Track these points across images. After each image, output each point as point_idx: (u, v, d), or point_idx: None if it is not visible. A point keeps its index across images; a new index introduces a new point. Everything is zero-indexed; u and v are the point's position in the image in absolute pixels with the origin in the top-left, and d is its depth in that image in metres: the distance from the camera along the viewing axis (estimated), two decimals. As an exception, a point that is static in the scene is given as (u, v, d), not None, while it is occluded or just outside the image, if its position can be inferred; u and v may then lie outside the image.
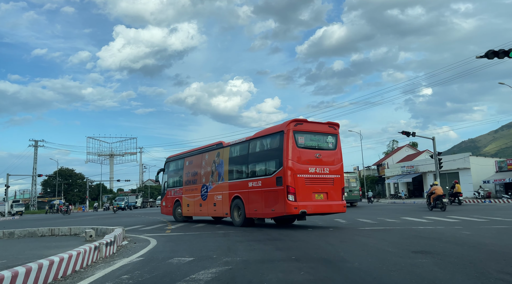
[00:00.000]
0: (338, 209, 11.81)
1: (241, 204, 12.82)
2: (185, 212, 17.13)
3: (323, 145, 12.00)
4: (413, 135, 30.87)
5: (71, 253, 5.57)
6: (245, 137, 13.67)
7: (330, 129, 12.24)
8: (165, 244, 8.97)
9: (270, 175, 11.69)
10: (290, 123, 11.47)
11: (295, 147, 11.27)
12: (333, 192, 11.70)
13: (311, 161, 11.47)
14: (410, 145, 71.19)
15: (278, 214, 11.45)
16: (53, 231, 12.76)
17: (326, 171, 11.63)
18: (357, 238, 8.86)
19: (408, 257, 6.02)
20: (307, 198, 11.17)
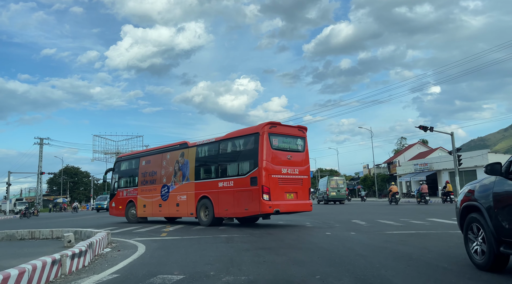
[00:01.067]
0: (306, 208, 12.59)
1: (210, 203, 13.05)
2: (141, 213, 16.72)
3: (294, 147, 12.64)
4: (430, 130, 28.99)
5: (8, 273, 3.95)
6: (214, 138, 13.89)
7: (300, 133, 12.92)
8: (154, 252, 7.35)
9: (244, 175, 12.05)
10: (265, 125, 11.86)
11: (270, 148, 11.72)
12: (302, 192, 12.44)
13: (283, 162, 12.02)
14: (421, 141, 69.00)
15: (251, 213, 11.83)
16: (34, 234, 11.23)
17: (296, 172, 12.27)
18: (392, 246, 7.15)
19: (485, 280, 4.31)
20: (280, 197, 11.69)
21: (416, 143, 68.16)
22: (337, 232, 10.04)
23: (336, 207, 28.86)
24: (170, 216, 15.74)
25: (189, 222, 16.01)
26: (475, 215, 4.71)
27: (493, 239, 4.31)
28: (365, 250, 6.82)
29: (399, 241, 7.86)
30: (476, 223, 4.71)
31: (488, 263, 4.51)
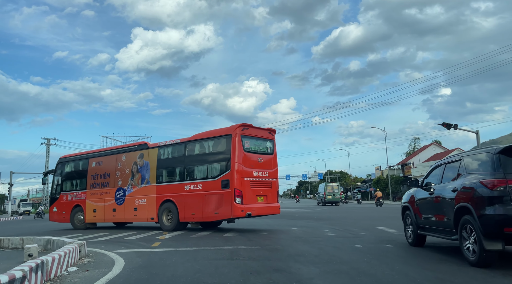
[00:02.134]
0: (275, 210, 12.49)
1: (174, 207, 12.52)
2: (90, 218, 15.43)
3: (264, 149, 12.50)
4: (455, 128, 26.75)
5: None
6: (179, 139, 13.29)
7: (269, 135, 12.80)
8: (132, 274, 5.47)
9: (214, 178, 11.74)
10: (238, 127, 11.66)
11: (242, 151, 11.53)
12: (271, 195, 12.34)
13: (254, 164, 11.83)
14: (436, 142, 66.39)
15: (222, 217, 11.60)
16: (2, 242, 9.45)
17: (266, 175, 12.15)
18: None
19: None
20: (252, 200, 11.53)
21: (431, 143, 65.52)
22: (369, 244, 8.07)
23: (342, 209, 27.04)
24: (127, 221, 14.81)
25: (189, 230, 14.18)
26: (407, 211, 7.93)
27: (415, 224, 7.48)
28: (421, 275, 4.86)
29: (461, 260, 5.87)
30: (408, 215, 7.88)
31: (414, 240, 7.60)
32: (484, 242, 5.10)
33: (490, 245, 5.07)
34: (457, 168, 6.21)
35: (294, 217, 19.58)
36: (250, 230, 12.34)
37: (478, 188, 5.31)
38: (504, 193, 4.98)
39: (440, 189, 6.53)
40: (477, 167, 5.74)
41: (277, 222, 15.93)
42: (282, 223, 15.28)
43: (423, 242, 7.61)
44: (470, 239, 5.44)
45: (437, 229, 6.66)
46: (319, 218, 18.63)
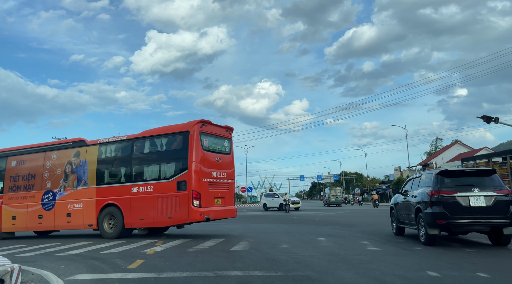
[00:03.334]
0: (232, 214, 11.92)
1: (118, 212, 11.33)
2: (8, 226, 13.14)
3: (222, 148, 11.88)
4: (495, 122, 23.59)
5: None
6: (125, 136, 12.12)
7: (227, 134, 12.21)
8: None
9: (168, 179, 10.85)
10: (196, 123, 10.93)
11: (201, 149, 10.84)
12: (229, 197, 11.77)
13: (213, 164, 11.22)
14: (459, 141, 62.71)
15: (177, 222, 10.71)
16: None
17: (224, 176, 11.57)
18: None
19: None
20: (210, 203, 10.89)
21: (455, 143, 61.92)
22: (453, 272, 5.34)
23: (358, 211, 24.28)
24: (57, 228, 12.82)
25: (191, 235, 11.62)
26: (392, 210, 10.89)
27: (397, 219, 10.44)
28: None
29: None
30: (393, 213, 10.82)
31: (397, 231, 10.65)
32: (428, 229, 8.13)
33: (431, 231, 8.13)
34: (418, 182, 9.25)
35: (315, 222, 16.86)
36: (264, 241, 9.68)
37: (425, 196, 8.38)
38: (438, 199, 8.00)
39: (409, 195, 9.50)
40: (427, 182, 8.70)
41: (297, 229, 13.24)
42: (304, 230, 12.59)
43: (403, 232, 10.61)
44: (421, 228, 8.49)
45: (408, 222, 9.67)
46: (345, 223, 15.87)
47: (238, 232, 12.66)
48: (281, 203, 31.12)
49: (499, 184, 8.12)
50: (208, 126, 11.29)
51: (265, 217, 22.09)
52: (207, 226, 16.03)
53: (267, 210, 33.41)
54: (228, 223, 17.60)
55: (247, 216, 24.56)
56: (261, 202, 35.58)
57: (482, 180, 8.17)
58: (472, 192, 7.87)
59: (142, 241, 10.44)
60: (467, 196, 7.85)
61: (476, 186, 7.97)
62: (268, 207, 33.60)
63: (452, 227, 7.99)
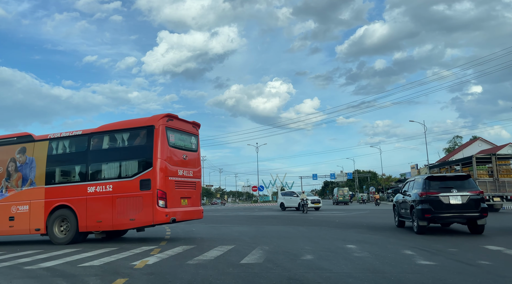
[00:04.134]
0: (198, 215, 11.20)
1: (71, 215, 10.34)
2: None
3: (188, 145, 11.19)
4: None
5: None
6: (80, 130, 11.13)
7: (194, 130, 11.54)
8: None
9: (130, 177, 9.96)
10: (162, 118, 10.14)
11: (167, 146, 10.08)
12: (195, 197, 11.08)
13: (179, 162, 10.50)
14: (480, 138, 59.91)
15: (141, 224, 9.78)
16: None
17: (191, 174, 10.88)
18: None
19: None
20: (176, 203, 10.12)
21: (476, 139, 59.13)
22: None
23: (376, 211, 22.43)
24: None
25: (195, 238, 9.99)
26: (395, 207, 13.43)
27: (398, 214, 12.97)
28: None
29: None
30: (395, 209, 13.34)
31: (398, 223, 13.05)
32: (419, 221, 10.46)
33: (421, 223, 10.43)
34: (413, 184, 11.74)
35: (335, 224, 15.07)
36: (282, 250, 7.96)
37: (416, 195, 10.74)
38: (426, 198, 10.32)
39: (407, 195, 11.94)
40: (418, 184, 11.07)
41: (318, 233, 11.49)
42: (326, 235, 10.83)
43: (404, 225, 13.08)
44: (414, 220, 10.84)
45: (406, 217, 12.04)
46: (370, 225, 14.05)
47: (250, 236, 10.98)
48: (299, 202, 29.15)
49: (472, 186, 10.53)
50: (175, 121, 10.55)
51: (279, 218, 20.35)
52: (214, 228, 14.39)
53: (285, 209, 31.18)
54: (238, 225, 15.94)
55: (259, 216, 22.86)
56: (278, 201, 33.39)
57: (460, 183, 10.54)
58: (451, 193, 10.24)
59: (136, 248, 8.83)
60: (447, 195, 10.23)
61: (455, 188, 10.35)
62: (285, 206, 31.35)
63: (437, 220, 10.40)
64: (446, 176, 11.05)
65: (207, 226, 16.02)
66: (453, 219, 10.41)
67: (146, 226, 10.07)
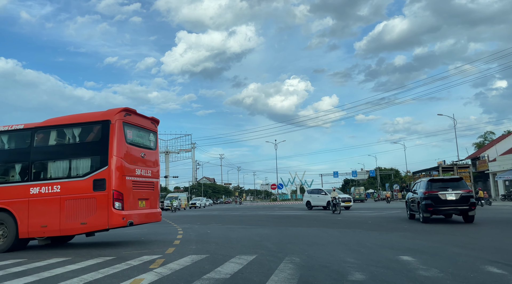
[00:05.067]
0: (156, 218, 10.30)
1: (10, 219, 9.03)
2: None
3: (147, 143, 10.35)
4: None
5: None
6: (22, 124, 9.84)
7: (153, 126, 10.73)
8: None
9: (82, 176, 8.97)
10: (120, 112, 9.31)
11: (124, 142, 9.25)
12: (154, 198, 10.25)
13: (137, 160, 9.68)
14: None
15: (93, 228, 8.79)
16: None
17: (149, 174, 10.05)
18: None
19: None
20: (133, 205, 9.30)
21: (511, 133, 55.49)
22: None
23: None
24: None
25: (209, 244, 8.28)
26: (407, 203, 16.67)
27: (409, 208, 16.06)
28: None
29: None
30: (407, 205, 16.53)
31: (409, 216, 16.03)
32: (423, 213, 13.48)
33: (425, 214, 13.42)
34: (420, 185, 14.86)
35: (369, 225, 13.13)
36: (319, 263, 6.16)
37: (421, 193, 13.79)
38: (428, 196, 13.37)
39: (416, 193, 14.92)
40: (423, 185, 14.15)
41: (354, 237, 9.60)
42: (366, 240, 8.93)
43: (414, 217, 15.71)
44: (420, 213, 13.79)
45: (415, 210, 14.86)
46: (411, 228, 12.04)
47: (274, 241, 9.19)
48: (328, 201, 26.67)
49: (464, 186, 13.69)
50: (133, 116, 9.75)
51: (303, 218, 18.49)
52: (232, 230, 12.69)
53: (311, 208, 28.85)
54: (259, 226, 14.20)
55: (281, 216, 21.05)
56: (304, 200, 30.98)
57: (455, 184, 13.69)
58: (447, 191, 13.40)
59: (135, 256, 7.18)
60: (445, 193, 13.37)
61: (450, 187, 13.51)
62: (312, 205, 28.92)
63: (437, 212, 13.62)
64: (444, 178, 14.47)
65: (224, 227, 14.35)
66: (449, 211, 13.74)
67: (99, 230, 9.00)
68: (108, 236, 12.16)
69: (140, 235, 12.24)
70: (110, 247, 9.24)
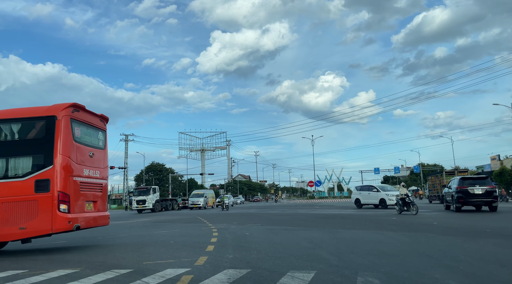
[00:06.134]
0: (104, 221, 9.71)
1: None
2: None
3: (95, 141, 9.77)
4: None
5: None
6: None
7: (102, 124, 10.18)
8: None
9: (22, 177, 8.22)
10: (67, 107, 8.65)
11: (71, 140, 8.61)
12: (102, 201, 9.72)
13: (85, 160, 9.10)
14: None
15: (34, 233, 8.04)
16: None
17: (97, 175, 9.53)
18: None
19: None
20: (80, 208, 8.71)
21: None
22: None
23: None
24: None
25: (243, 252, 6.54)
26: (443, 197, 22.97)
27: (445, 200, 21.51)
28: None
29: None
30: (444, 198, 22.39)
31: (445, 207, 21.48)
32: (456, 204, 18.45)
33: (457, 205, 18.39)
34: (454, 181, 19.43)
35: (434, 227, 10.91)
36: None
37: (455, 189, 18.57)
38: (460, 190, 18.13)
39: (450, 188, 19.71)
40: (456, 182, 18.80)
41: (436, 246, 7.53)
42: (448, 249, 6.85)
43: (449, 208, 19.95)
44: (454, 204, 18.76)
45: (449, 202, 19.66)
46: (494, 231, 9.74)
47: (330, 250, 7.30)
48: (381, 199, 24.46)
49: (489, 183, 18.36)
50: (81, 113, 9.12)
51: (352, 218, 16.42)
52: (273, 232, 10.91)
53: (361, 207, 26.39)
54: (303, 227, 12.37)
55: (325, 215, 19.05)
56: (352, 197, 28.15)
57: (481, 181, 18.14)
58: (475, 187, 17.73)
59: (159, 270, 5.60)
60: (473, 188, 17.70)
61: (478, 184, 17.87)
62: (362, 203, 26.42)
63: (467, 203, 18.02)
64: (473, 177, 19.48)
65: (263, 228, 12.64)
66: (477, 203, 17.93)
67: (41, 236, 8.27)
68: (133, 237, 10.80)
69: (169, 236, 10.79)
70: (131, 251, 7.77)
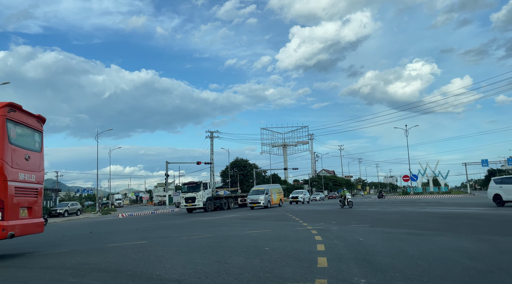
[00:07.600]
0: (39, 228, 9.20)
1: None
2: None
3: (31, 144, 9.28)
4: None
5: None
6: None
7: (38, 125, 9.68)
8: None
9: None
10: (3, 107, 8.22)
11: (7, 142, 8.23)
12: (37, 207, 9.20)
13: (21, 163, 8.63)
14: None
15: None
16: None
17: (33, 179, 9.05)
18: None
19: None
20: (14, 215, 8.28)
21: None
22: None
23: None
24: None
25: (364, 269, 4.18)
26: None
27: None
28: None
29: None
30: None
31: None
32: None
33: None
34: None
35: None
36: None
37: None
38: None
39: None
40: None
41: None
42: None
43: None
44: None
45: None
46: None
47: (509, 270, 4.54)
48: None
49: None
50: (18, 113, 8.55)
51: (488, 219, 12.80)
52: (393, 236, 8.16)
53: (502, 205, 20.96)
54: (434, 232, 9.34)
55: (445, 214, 15.44)
56: (490, 192, 22.28)
57: None
58: None
59: None
60: None
61: None
62: (504, 200, 20.89)
63: None
64: None
65: (377, 231, 10.03)
66: None
67: None
68: (214, 238, 9.02)
69: (262, 240, 8.76)
70: (216, 262, 5.84)
